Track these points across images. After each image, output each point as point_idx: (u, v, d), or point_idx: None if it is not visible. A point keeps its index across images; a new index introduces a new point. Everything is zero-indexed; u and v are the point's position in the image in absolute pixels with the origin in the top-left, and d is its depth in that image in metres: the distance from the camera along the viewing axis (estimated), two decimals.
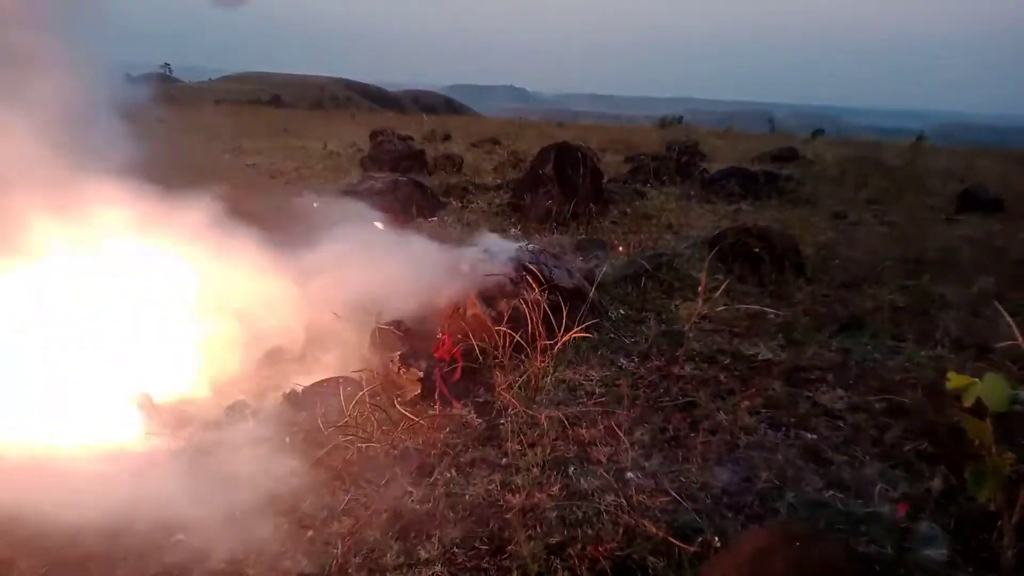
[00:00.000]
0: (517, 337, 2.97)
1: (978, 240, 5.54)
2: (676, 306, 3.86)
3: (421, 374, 2.71)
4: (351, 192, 6.12)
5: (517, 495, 2.12)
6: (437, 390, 2.66)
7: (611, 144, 11.60)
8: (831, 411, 2.70)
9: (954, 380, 1.99)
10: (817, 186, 7.55)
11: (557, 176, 6.00)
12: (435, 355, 2.79)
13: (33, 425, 2.44)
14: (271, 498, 2.11)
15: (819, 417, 2.65)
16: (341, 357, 3.06)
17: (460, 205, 6.69)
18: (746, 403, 2.73)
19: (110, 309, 2.78)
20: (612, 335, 3.39)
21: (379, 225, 3.89)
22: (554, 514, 2.04)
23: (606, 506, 2.08)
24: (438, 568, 1.83)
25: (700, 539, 1.94)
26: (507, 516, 2.03)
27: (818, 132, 14.72)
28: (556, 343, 3.00)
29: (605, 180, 6.96)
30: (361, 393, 2.60)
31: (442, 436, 2.47)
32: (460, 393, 2.74)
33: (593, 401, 2.73)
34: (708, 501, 2.12)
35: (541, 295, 3.12)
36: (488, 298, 3.12)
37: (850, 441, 2.47)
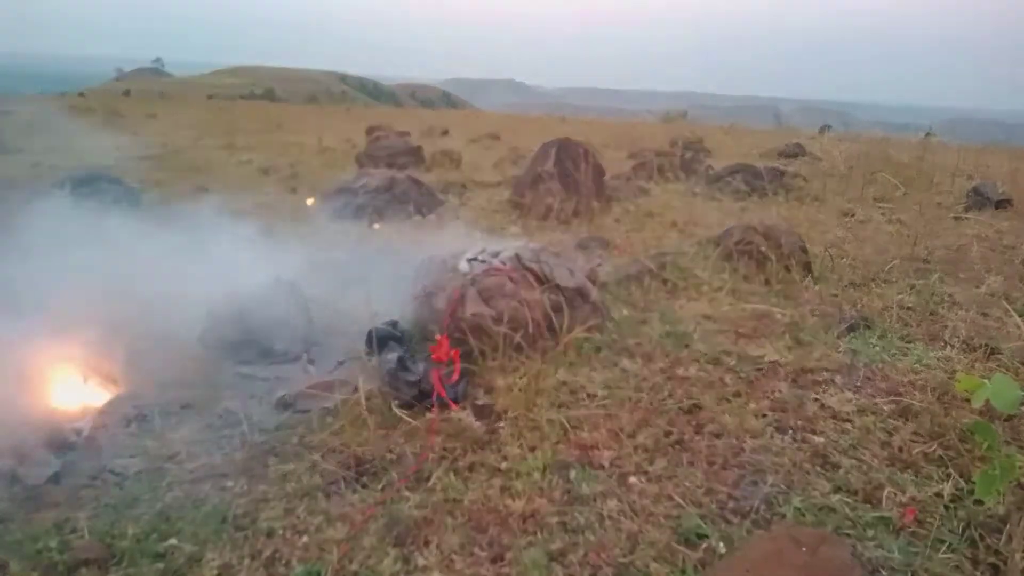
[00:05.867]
0: (517, 338, 2.93)
1: (987, 238, 5.48)
2: (680, 306, 3.81)
3: (418, 376, 2.66)
4: (347, 189, 6.09)
5: (517, 500, 2.08)
6: (435, 392, 2.62)
7: (614, 140, 11.55)
8: (839, 413, 2.65)
9: (963, 382, 1.95)
10: (824, 183, 7.48)
11: (558, 173, 5.96)
12: (433, 356, 2.75)
13: None
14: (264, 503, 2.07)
15: (827, 420, 2.60)
16: None
17: (459, 202, 6.65)
18: (752, 406, 2.69)
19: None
20: (615, 336, 3.34)
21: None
22: (555, 520, 2.00)
23: (609, 511, 2.04)
24: (436, 575, 1.79)
25: (705, 545, 1.90)
26: (507, 522, 2.00)
27: (825, 128, 14.64)
28: (557, 344, 2.97)
29: (607, 177, 6.91)
30: (357, 395, 2.57)
31: (440, 440, 2.43)
32: (458, 396, 2.69)
33: (595, 403, 2.69)
34: (713, 506, 2.08)
35: (542, 295, 3.07)
36: (488, 298, 3.07)
37: (858, 444, 2.43)
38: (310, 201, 6.16)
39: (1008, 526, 1.88)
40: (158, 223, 4.42)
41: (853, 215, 6.25)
